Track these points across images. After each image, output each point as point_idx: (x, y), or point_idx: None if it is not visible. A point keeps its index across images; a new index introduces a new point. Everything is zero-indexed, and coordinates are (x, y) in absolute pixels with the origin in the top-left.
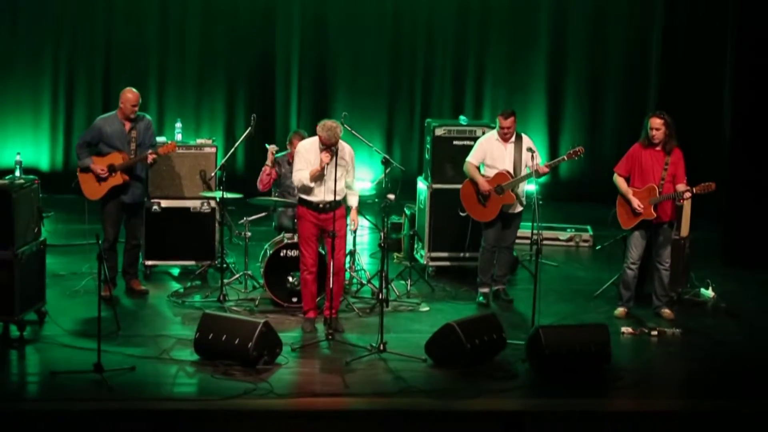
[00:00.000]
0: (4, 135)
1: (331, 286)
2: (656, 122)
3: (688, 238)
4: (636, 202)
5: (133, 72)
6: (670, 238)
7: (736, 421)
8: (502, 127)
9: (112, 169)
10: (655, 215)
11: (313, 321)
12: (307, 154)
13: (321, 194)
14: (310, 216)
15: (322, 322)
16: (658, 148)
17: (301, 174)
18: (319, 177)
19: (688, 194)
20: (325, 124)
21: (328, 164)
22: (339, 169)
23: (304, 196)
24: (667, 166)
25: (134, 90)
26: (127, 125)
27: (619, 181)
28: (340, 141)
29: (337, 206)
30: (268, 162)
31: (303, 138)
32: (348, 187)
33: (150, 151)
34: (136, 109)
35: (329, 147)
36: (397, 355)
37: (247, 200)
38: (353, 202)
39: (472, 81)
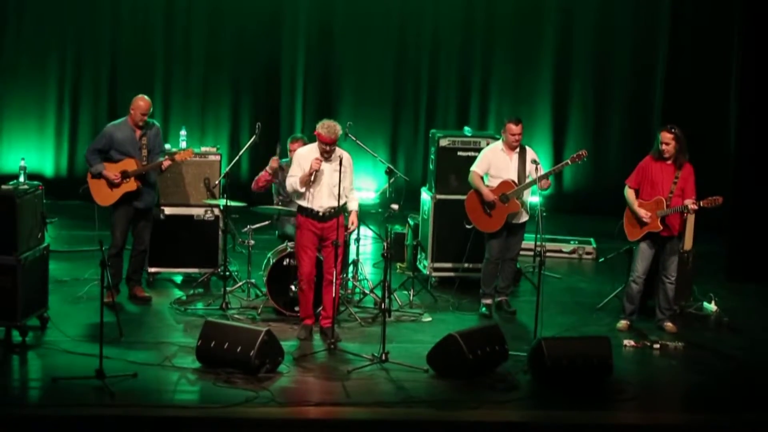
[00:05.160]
0: (9, 140)
1: (334, 294)
2: (666, 137)
3: (692, 251)
4: (643, 212)
5: (139, 79)
6: (677, 252)
7: None
8: (512, 134)
9: (125, 175)
10: (662, 227)
11: (309, 328)
12: (302, 160)
13: (318, 201)
14: (309, 225)
15: (319, 332)
16: (668, 162)
17: (292, 179)
18: (308, 182)
19: (693, 206)
20: (324, 123)
21: (317, 170)
22: (335, 176)
23: (302, 204)
24: (676, 180)
25: (146, 98)
26: (138, 132)
27: (629, 193)
28: (338, 148)
29: (338, 214)
30: (268, 169)
31: (303, 142)
32: (346, 194)
33: (166, 157)
34: (146, 117)
35: (329, 145)
36: (398, 365)
37: (250, 208)
38: (353, 206)
39: (477, 92)
